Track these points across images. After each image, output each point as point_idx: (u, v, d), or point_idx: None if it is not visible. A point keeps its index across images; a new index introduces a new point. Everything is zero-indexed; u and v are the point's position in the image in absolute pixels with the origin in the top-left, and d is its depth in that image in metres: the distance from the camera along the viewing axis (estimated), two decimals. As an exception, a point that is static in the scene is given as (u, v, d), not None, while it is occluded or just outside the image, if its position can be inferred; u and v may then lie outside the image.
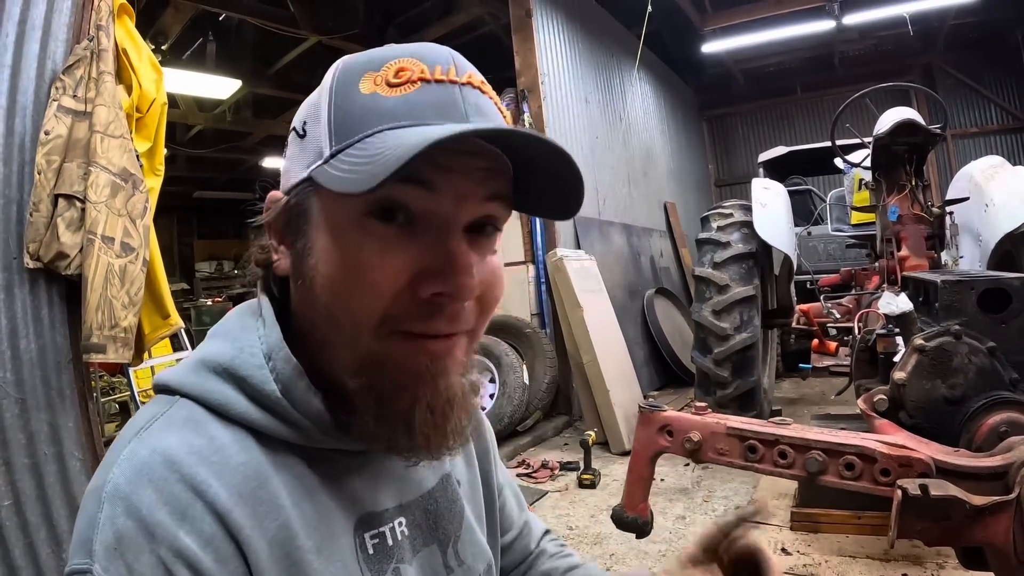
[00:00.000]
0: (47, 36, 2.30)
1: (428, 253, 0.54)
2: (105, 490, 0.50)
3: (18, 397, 2.11)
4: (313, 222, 0.57)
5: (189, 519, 0.49)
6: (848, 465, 1.65)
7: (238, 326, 0.62)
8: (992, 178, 3.84)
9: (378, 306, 0.54)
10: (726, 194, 12.42)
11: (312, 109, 0.59)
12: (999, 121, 10.88)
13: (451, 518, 0.72)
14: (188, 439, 0.53)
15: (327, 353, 0.58)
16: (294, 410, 0.57)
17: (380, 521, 0.64)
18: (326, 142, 0.55)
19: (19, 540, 2.07)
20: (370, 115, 0.54)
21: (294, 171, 0.59)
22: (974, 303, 2.12)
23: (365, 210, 0.54)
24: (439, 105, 0.54)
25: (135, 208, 2.31)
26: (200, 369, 0.59)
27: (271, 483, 0.55)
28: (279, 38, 7.42)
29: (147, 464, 0.51)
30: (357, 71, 0.57)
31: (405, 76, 0.55)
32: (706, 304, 4.28)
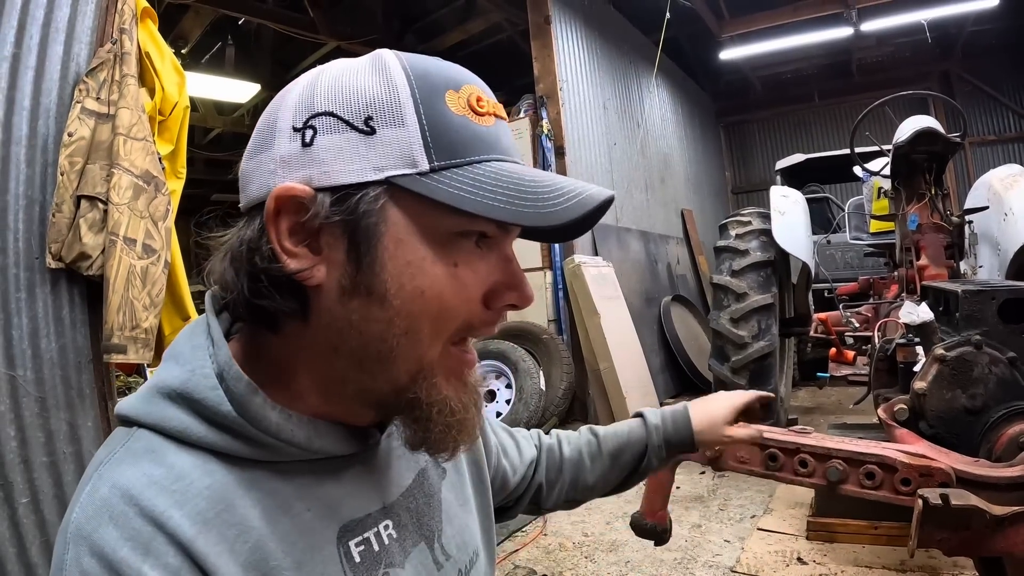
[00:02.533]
0: (71, 39, 2.33)
1: (497, 270, 0.60)
2: (69, 531, 0.50)
3: (38, 396, 2.13)
4: (390, 233, 0.55)
5: (153, 553, 0.49)
6: (869, 474, 1.64)
7: (188, 347, 0.60)
8: (1011, 187, 3.79)
9: (464, 316, 0.58)
10: (743, 201, 12.36)
11: (382, 106, 0.54)
12: (1018, 129, 10.76)
13: (431, 513, 0.72)
14: (146, 470, 0.52)
15: (376, 365, 0.57)
16: (252, 428, 0.56)
17: (364, 527, 0.63)
18: (420, 152, 0.54)
19: (36, 538, 2.09)
20: (471, 140, 0.56)
21: (346, 168, 0.54)
22: (994, 313, 2.11)
23: (459, 230, 0.56)
24: (509, 142, 0.61)
25: (157, 210, 2.33)
26: (154, 396, 0.57)
27: (239, 504, 0.54)
28: (297, 43, 7.49)
29: (106, 501, 0.50)
30: (437, 85, 0.56)
31: (484, 108, 0.58)
32: (724, 312, 4.26)
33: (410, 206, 0.55)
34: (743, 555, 3.12)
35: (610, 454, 1.06)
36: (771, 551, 3.12)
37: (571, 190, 0.56)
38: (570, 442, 1.08)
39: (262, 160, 0.57)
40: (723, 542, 3.31)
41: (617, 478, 1.08)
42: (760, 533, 3.34)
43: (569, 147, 5.95)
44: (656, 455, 1.07)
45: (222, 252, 0.60)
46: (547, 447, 1.06)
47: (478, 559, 0.76)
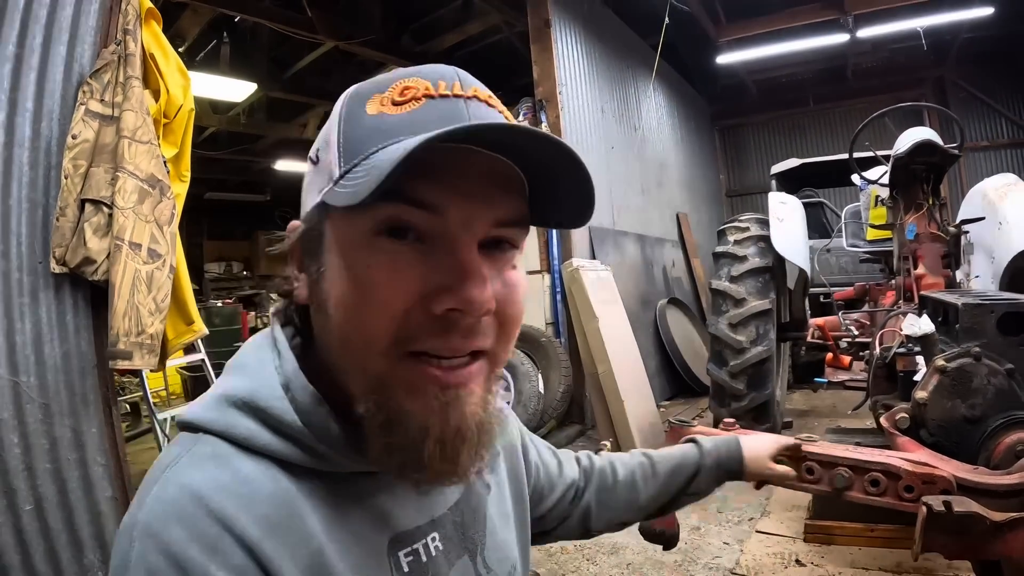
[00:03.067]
0: (74, 39, 2.31)
1: (439, 269, 0.54)
2: (136, 528, 0.51)
3: (42, 402, 2.12)
4: (326, 245, 0.58)
5: (220, 553, 0.50)
6: (873, 481, 1.70)
7: (255, 360, 0.62)
8: (1005, 196, 3.84)
9: (389, 324, 0.53)
10: (737, 204, 12.42)
11: (323, 137, 0.60)
12: (1011, 135, 10.85)
13: (476, 526, 0.73)
14: (214, 474, 0.54)
15: (343, 378, 0.59)
16: (315, 438, 0.58)
17: (413, 539, 0.64)
18: (336, 165, 0.56)
19: (40, 545, 2.08)
20: (375, 134, 0.55)
21: (309, 198, 0.60)
22: (993, 326, 2.16)
23: (374, 229, 0.54)
24: (443, 118, 0.54)
25: (162, 214, 2.33)
26: (221, 405, 0.59)
27: (301, 512, 0.56)
28: (294, 42, 7.46)
29: (175, 501, 0.52)
30: (365, 95, 0.58)
31: (410, 94, 0.56)
32: (723, 317, 4.28)
33: (336, 216, 0.57)
34: (742, 557, 3.14)
35: (663, 474, 1.09)
36: (770, 553, 3.15)
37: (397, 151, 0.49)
38: (624, 464, 1.09)
39: None
40: (722, 544, 3.34)
41: (667, 498, 1.10)
42: (759, 535, 3.36)
43: (567, 151, 5.95)
44: (706, 476, 1.10)
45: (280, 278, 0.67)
46: (598, 469, 1.07)
47: (515, 573, 0.78)
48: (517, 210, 0.58)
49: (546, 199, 0.61)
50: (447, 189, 0.53)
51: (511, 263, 0.60)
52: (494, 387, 0.61)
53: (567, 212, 0.62)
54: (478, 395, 0.58)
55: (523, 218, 0.59)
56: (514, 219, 0.58)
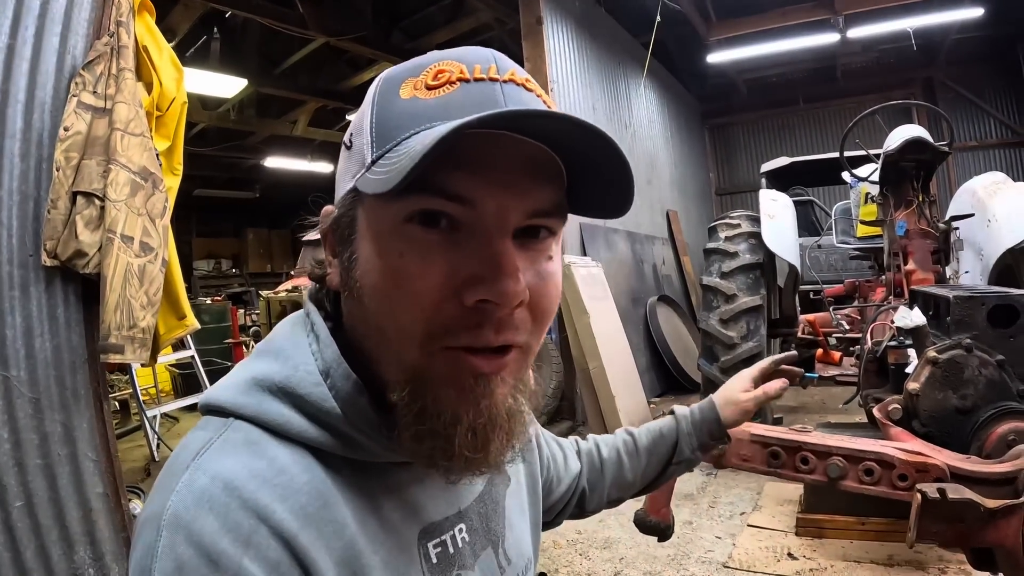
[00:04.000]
0: (67, 31, 2.28)
1: (472, 259, 0.52)
2: (164, 518, 0.48)
3: (32, 397, 2.09)
4: (358, 232, 0.57)
5: (254, 546, 0.48)
6: (867, 471, 1.71)
7: (290, 343, 0.60)
8: (994, 194, 3.88)
9: (422, 316, 0.52)
10: (727, 203, 12.48)
11: (357, 121, 0.59)
12: (999, 135, 10.97)
13: (497, 519, 0.73)
14: (248, 462, 0.52)
15: (376, 367, 0.58)
16: (353, 427, 0.56)
17: (441, 530, 0.64)
18: (368, 150, 0.55)
19: (31, 542, 2.05)
20: (408, 119, 0.53)
21: (343, 184, 0.59)
22: (984, 318, 2.18)
23: (406, 216, 0.52)
24: (477, 102, 0.53)
25: (155, 207, 2.31)
26: (253, 389, 0.57)
27: (335, 502, 0.54)
28: (285, 38, 7.44)
29: (207, 490, 0.49)
30: (399, 79, 0.57)
31: (444, 78, 0.54)
32: (713, 313, 4.31)
33: (369, 202, 0.56)
34: (735, 551, 3.16)
35: (646, 449, 1.09)
36: (762, 547, 3.17)
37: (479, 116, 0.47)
38: (607, 444, 1.10)
39: None
40: (714, 539, 3.35)
41: (654, 471, 1.10)
42: (751, 530, 3.38)
43: (558, 148, 5.97)
44: (687, 443, 1.09)
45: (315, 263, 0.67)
46: (586, 451, 1.08)
47: (531, 566, 0.77)
48: (553, 199, 0.56)
49: (584, 187, 0.58)
50: (480, 179, 0.52)
51: (547, 253, 0.58)
52: (526, 376, 0.60)
53: (606, 201, 0.59)
54: (510, 384, 0.57)
55: (559, 207, 0.57)
56: (549, 209, 0.56)
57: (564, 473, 1.00)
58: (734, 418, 1.11)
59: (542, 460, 0.93)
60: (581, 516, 1.07)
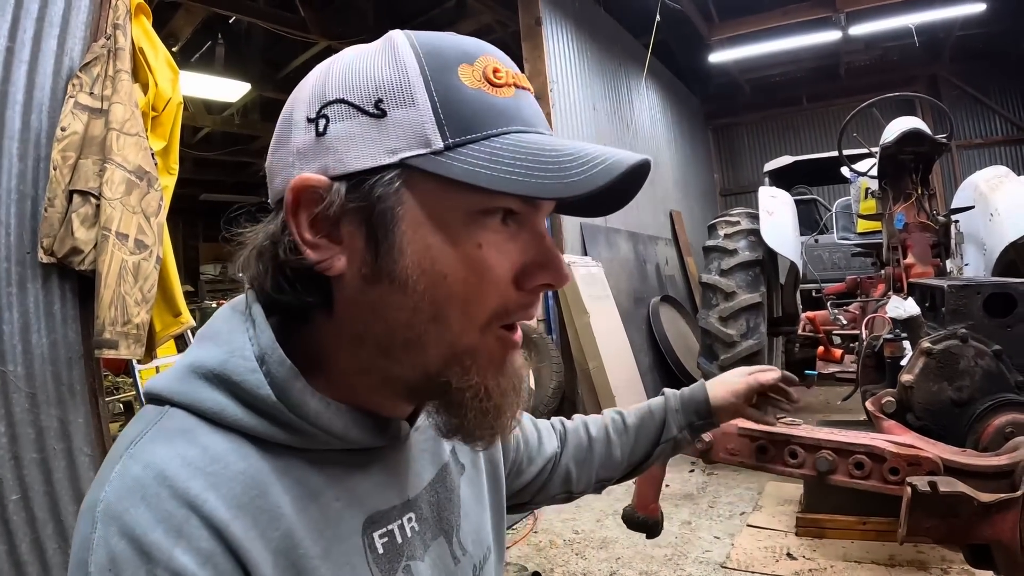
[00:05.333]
0: (64, 33, 2.32)
1: (529, 248, 0.57)
2: (98, 510, 0.48)
3: (28, 392, 2.11)
4: (407, 216, 0.54)
5: (185, 536, 0.47)
6: (857, 464, 1.68)
7: (226, 328, 0.59)
8: (997, 188, 3.86)
9: (495, 301, 0.56)
10: (731, 203, 12.43)
11: (391, 88, 0.53)
12: (1004, 132, 10.90)
13: (451, 508, 0.72)
14: (181, 451, 0.51)
15: (404, 353, 0.56)
16: (291, 413, 0.55)
17: (388, 519, 0.62)
18: (433, 130, 0.52)
19: (26, 535, 2.07)
20: (487, 114, 0.54)
21: (359, 154, 0.53)
22: (980, 308, 2.16)
23: (482, 209, 0.54)
24: (534, 113, 0.58)
25: (149, 206, 2.33)
26: (189, 375, 0.56)
27: (272, 490, 0.53)
28: (288, 42, 7.47)
29: (139, 480, 0.49)
30: (449, 60, 0.54)
31: (503, 78, 0.55)
32: (713, 311, 4.29)
33: (427, 187, 0.53)
34: (733, 551, 3.14)
35: (634, 427, 1.08)
36: (761, 547, 3.15)
37: (596, 156, 0.53)
38: (595, 423, 1.09)
39: (282, 154, 0.58)
40: (713, 539, 3.34)
41: (642, 450, 1.09)
42: (750, 530, 3.36)
43: (559, 148, 5.96)
44: (675, 420, 1.08)
45: (249, 247, 0.60)
46: (571, 430, 1.07)
47: (490, 555, 0.76)
48: None
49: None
50: None
51: None
52: None
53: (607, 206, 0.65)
54: (521, 355, 0.63)
55: None
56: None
57: (536, 454, 0.99)
58: (723, 399, 1.10)
59: (507, 443, 0.92)
60: (569, 499, 1.06)
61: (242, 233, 0.61)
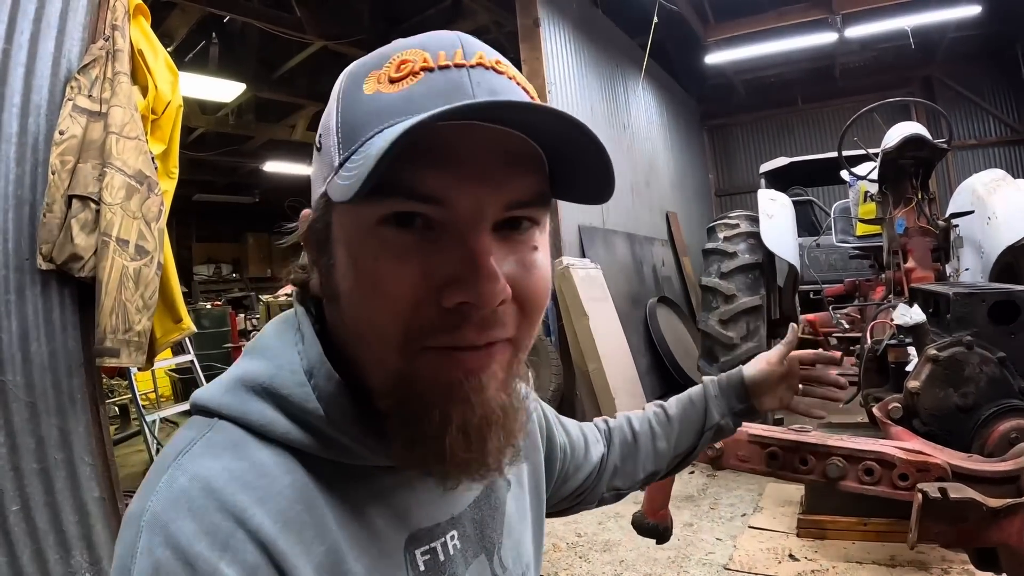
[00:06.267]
0: (62, 35, 2.28)
1: (448, 259, 0.50)
2: (143, 518, 0.48)
3: (28, 401, 2.08)
4: (333, 236, 0.55)
5: (231, 549, 0.47)
6: (867, 470, 1.69)
7: (277, 342, 0.59)
8: (994, 191, 3.88)
9: (399, 320, 0.51)
10: (726, 204, 12.46)
11: (324, 121, 0.56)
12: (998, 134, 10.95)
13: (494, 525, 0.70)
14: (228, 464, 0.51)
15: (360, 372, 0.56)
16: (337, 429, 0.54)
17: (431, 537, 0.62)
18: (335, 152, 0.52)
19: (27, 546, 2.04)
20: (372, 116, 0.51)
21: (316, 187, 0.57)
22: (985, 315, 2.17)
23: (379, 219, 0.50)
24: (443, 93, 0.50)
25: (150, 211, 2.30)
26: (238, 388, 0.56)
27: (318, 506, 0.53)
28: (283, 42, 7.44)
29: (186, 492, 0.49)
30: (362, 73, 0.54)
31: (407, 68, 0.51)
32: (713, 313, 4.30)
33: (339, 207, 0.54)
34: (736, 553, 3.14)
35: (676, 418, 1.08)
36: (763, 548, 3.15)
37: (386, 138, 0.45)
38: (638, 417, 1.09)
39: None
40: (715, 540, 3.34)
41: (688, 440, 1.08)
42: (751, 531, 3.37)
43: (556, 149, 5.95)
44: (716, 407, 1.07)
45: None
46: (616, 428, 1.07)
47: (529, 572, 0.75)
48: (532, 188, 0.54)
49: (564, 173, 0.56)
50: (451, 175, 0.50)
51: (531, 244, 0.56)
52: (518, 370, 0.58)
53: (587, 188, 0.57)
54: (500, 379, 0.54)
55: (540, 196, 0.55)
56: (529, 199, 0.54)
57: (583, 460, 0.98)
58: (758, 370, 1.09)
59: (554, 452, 0.91)
60: (618, 497, 1.05)
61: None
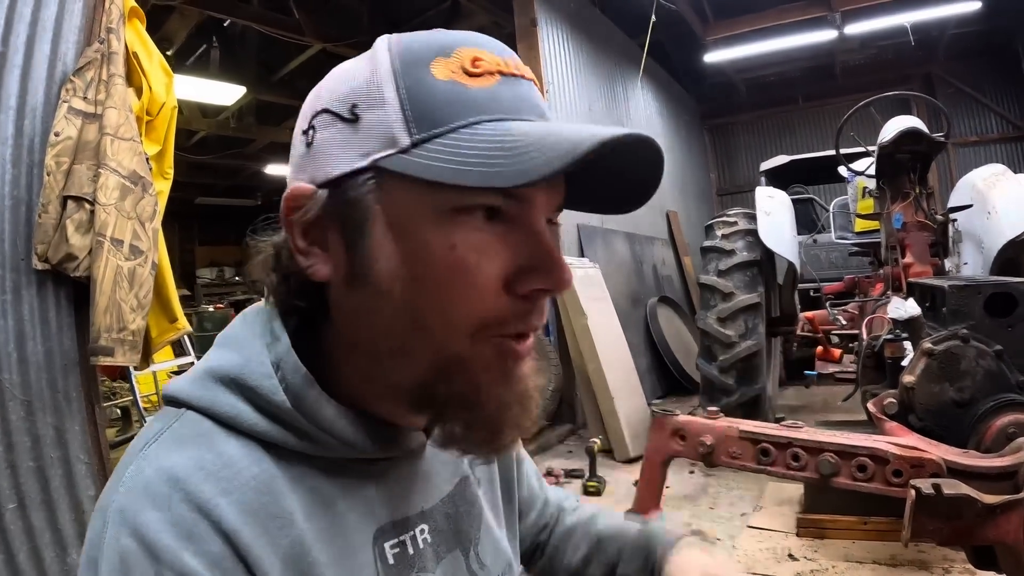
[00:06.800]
0: (58, 38, 2.30)
1: (523, 249, 0.53)
2: (110, 510, 0.49)
3: (24, 400, 2.09)
4: (379, 219, 0.53)
5: (195, 540, 0.48)
6: (860, 467, 1.67)
7: (245, 334, 0.59)
8: (994, 186, 3.86)
9: (478, 309, 0.52)
10: (728, 203, 12.43)
11: (364, 91, 0.53)
12: (1000, 130, 10.92)
13: (470, 521, 0.70)
14: (195, 455, 0.51)
15: (392, 361, 0.56)
16: (305, 420, 0.55)
17: (401, 529, 0.62)
18: (401, 129, 0.50)
19: (24, 544, 2.05)
20: (457, 105, 0.51)
21: (338, 160, 0.53)
22: (981, 307, 2.15)
23: (459, 207, 0.51)
24: (519, 100, 0.53)
25: (144, 211, 2.31)
26: (207, 380, 0.56)
27: (284, 496, 0.53)
28: (283, 45, 7.46)
29: (151, 483, 0.49)
30: (424, 55, 0.53)
31: (483, 67, 0.52)
32: (711, 312, 4.28)
33: (398, 188, 0.51)
34: (734, 553, 3.13)
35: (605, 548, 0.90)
36: (762, 548, 3.14)
37: (569, 136, 0.48)
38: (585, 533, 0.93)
39: (290, 167, 0.59)
40: (714, 540, 3.32)
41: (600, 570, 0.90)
42: (751, 531, 3.35)
43: (555, 149, 5.95)
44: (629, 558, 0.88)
45: (263, 255, 0.61)
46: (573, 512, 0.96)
47: (511, 572, 0.75)
48: (564, 194, 0.59)
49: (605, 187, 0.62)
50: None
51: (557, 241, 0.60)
52: None
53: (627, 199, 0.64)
54: (531, 364, 0.58)
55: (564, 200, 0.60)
56: (562, 202, 0.59)
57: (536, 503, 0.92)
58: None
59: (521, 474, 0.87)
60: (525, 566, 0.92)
61: (264, 242, 0.62)
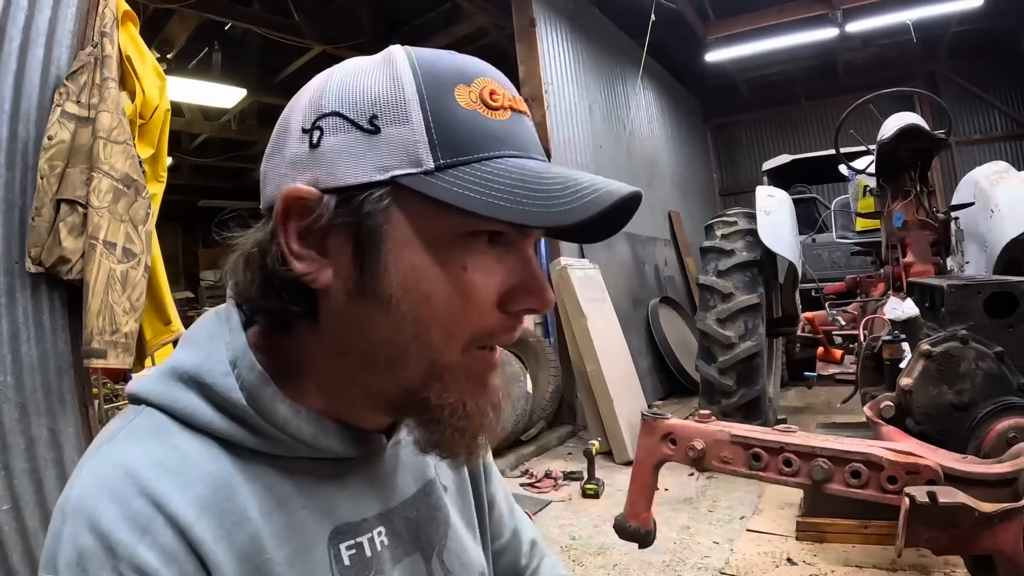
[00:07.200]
0: (51, 42, 2.31)
1: (517, 271, 0.57)
2: (67, 506, 0.50)
3: (18, 401, 2.11)
4: (394, 234, 0.53)
5: (150, 534, 0.48)
6: (854, 473, 1.62)
7: (206, 333, 0.60)
8: (997, 184, 3.82)
9: (476, 324, 0.56)
10: (730, 203, 12.39)
11: (387, 104, 0.53)
12: (1004, 128, 10.86)
13: (435, 526, 0.70)
14: (151, 450, 0.53)
15: (387, 369, 0.57)
16: (260, 418, 0.56)
17: (357, 531, 0.62)
18: (425, 150, 0.52)
19: (17, 545, 2.07)
20: (481, 136, 0.53)
21: (351, 169, 0.53)
22: (981, 308, 2.11)
23: (467, 230, 0.54)
24: (528, 137, 0.57)
25: (137, 214, 2.31)
26: (167, 377, 0.58)
27: (239, 494, 0.54)
28: (284, 47, 7.47)
29: (108, 478, 0.50)
30: (447, 80, 0.54)
31: (499, 101, 0.55)
32: (710, 312, 4.25)
33: (416, 207, 0.52)
34: (732, 556, 3.11)
35: None
36: (761, 552, 3.11)
37: (587, 187, 0.53)
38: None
39: (276, 162, 0.58)
40: (712, 544, 3.30)
41: None
42: (749, 534, 3.33)
43: (555, 150, 5.94)
44: None
45: (237, 252, 0.60)
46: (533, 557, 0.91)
47: None
48: None
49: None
50: None
51: None
52: None
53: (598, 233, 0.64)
54: (501, 375, 0.63)
55: None
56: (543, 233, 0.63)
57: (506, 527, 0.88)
58: None
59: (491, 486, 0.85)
60: None
61: (232, 238, 0.61)
